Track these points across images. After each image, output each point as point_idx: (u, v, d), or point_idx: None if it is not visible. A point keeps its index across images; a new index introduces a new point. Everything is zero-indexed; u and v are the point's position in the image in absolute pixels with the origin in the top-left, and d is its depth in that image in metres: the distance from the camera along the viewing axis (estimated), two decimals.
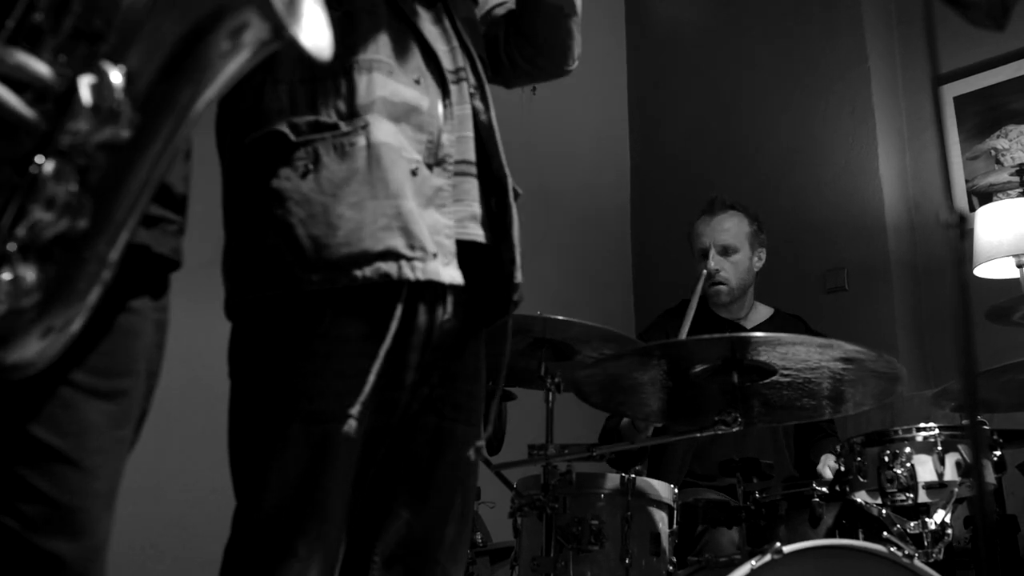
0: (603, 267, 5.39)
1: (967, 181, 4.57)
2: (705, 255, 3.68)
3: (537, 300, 3.57)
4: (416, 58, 1.77)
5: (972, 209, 4.33)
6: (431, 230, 1.68)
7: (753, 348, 2.47)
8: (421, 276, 1.63)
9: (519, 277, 1.84)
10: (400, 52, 1.75)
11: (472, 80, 1.85)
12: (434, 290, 1.72)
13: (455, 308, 1.78)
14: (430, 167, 1.72)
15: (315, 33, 1.01)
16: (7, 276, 0.97)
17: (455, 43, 1.86)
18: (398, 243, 1.62)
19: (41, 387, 1.10)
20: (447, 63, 1.81)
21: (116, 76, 0.98)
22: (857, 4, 4.89)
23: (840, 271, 4.72)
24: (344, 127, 1.66)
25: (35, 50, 0.99)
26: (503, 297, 1.84)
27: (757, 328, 3.67)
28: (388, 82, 1.71)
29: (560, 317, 2.83)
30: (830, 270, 4.75)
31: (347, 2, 1.74)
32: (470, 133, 1.82)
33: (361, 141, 1.65)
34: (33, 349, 1.00)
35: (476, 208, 1.81)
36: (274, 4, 0.97)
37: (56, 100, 0.98)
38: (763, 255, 3.75)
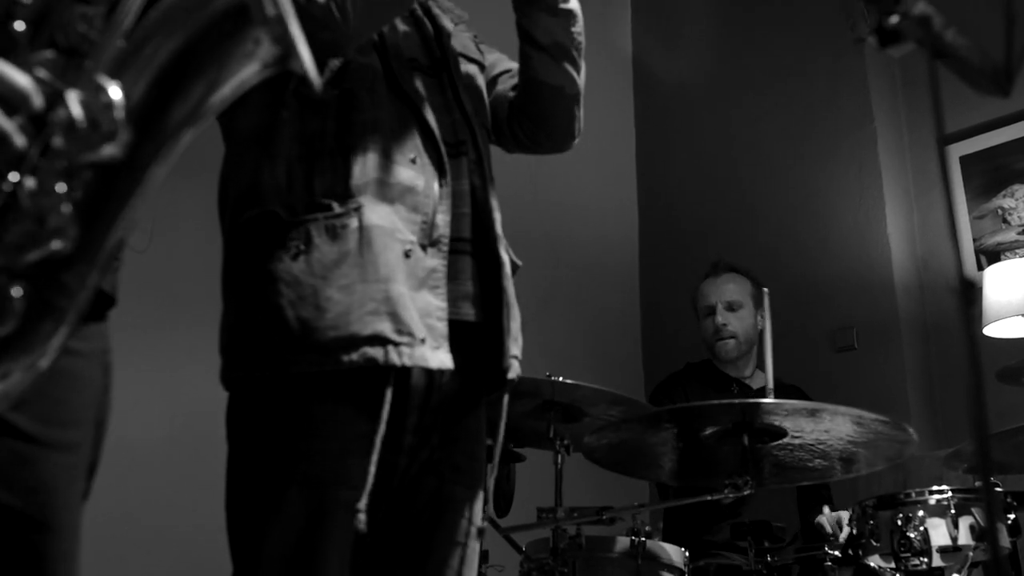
0: (612, 326, 5.38)
1: (975, 240, 4.57)
2: (711, 312, 3.79)
3: (545, 360, 3.57)
4: (414, 137, 1.76)
5: (980, 268, 4.33)
6: (422, 313, 1.67)
7: (764, 413, 2.46)
8: (408, 362, 1.62)
9: (509, 360, 1.83)
10: (398, 131, 1.75)
11: (472, 154, 1.86)
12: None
13: (455, 372, 1.77)
14: (424, 248, 1.71)
15: (309, 62, 1.00)
16: None
17: (457, 115, 1.87)
18: (386, 328, 1.62)
19: None
20: (448, 136, 1.82)
21: (115, 92, 0.92)
22: (861, 65, 4.92)
23: (849, 330, 4.70)
24: (337, 208, 1.66)
25: (14, 61, 0.92)
26: (497, 372, 1.84)
27: (759, 393, 3.66)
28: (384, 162, 1.71)
29: (569, 380, 2.82)
30: (839, 329, 4.74)
31: (347, 80, 1.74)
32: (467, 209, 1.83)
33: (353, 223, 1.65)
34: None
35: (469, 286, 1.81)
36: (287, 26, 0.95)
37: (38, 115, 0.92)
38: (766, 316, 3.73)
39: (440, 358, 1.67)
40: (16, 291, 0.93)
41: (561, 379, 2.82)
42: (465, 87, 1.93)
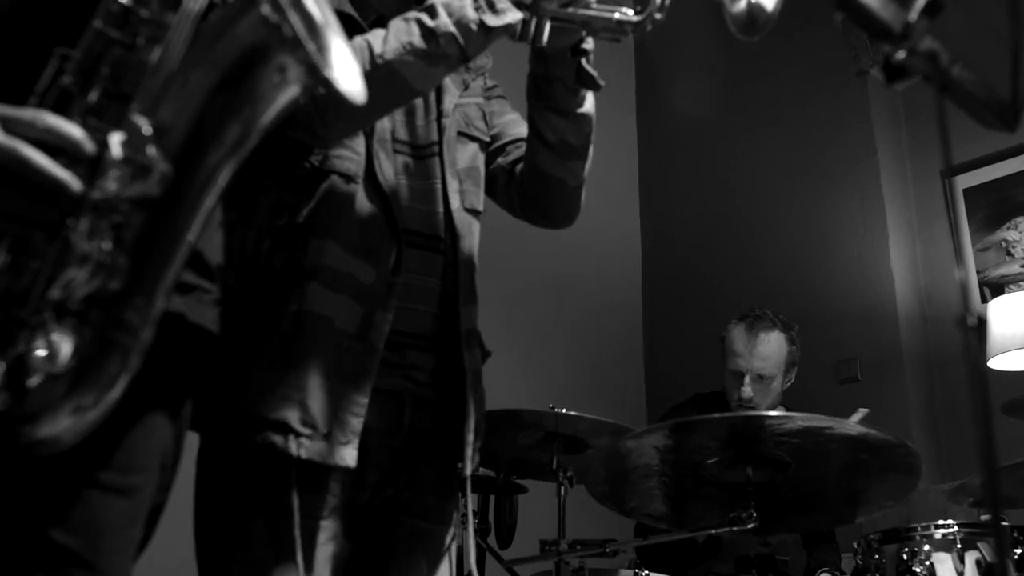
0: (615, 358, 5.36)
1: (978, 272, 4.57)
2: (739, 377, 3.55)
3: (548, 392, 3.56)
4: (377, 230, 1.76)
5: (984, 301, 4.32)
6: (338, 407, 1.67)
7: (767, 436, 2.44)
8: (304, 455, 1.63)
9: (465, 462, 1.83)
10: (362, 223, 1.75)
11: (450, 256, 1.85)
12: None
13: (425, 414, 1.81)
14: (360, 340, 1.71)
15: (348, 75, 1.01)
16: (41, 349, 0.96)
17: (440, 208, 1.85)
18: (291, 416, 1.63)
19: (66, 485, 1.09)
20: (422, 227, 1.81)
21: (146, 128, 0.98)
22: (864, 97, 4.93)
23: (852, 362, 4.69)
24: (283, 288, 1.68)
25: (65, 113, 1.00)
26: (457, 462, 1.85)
27: None
28: (339, 250, 1.71)
29: (572, 412, 2.81)
30: (842, 361, 4.72)
31: (327, 161, 1.74)
32: (432, 309, 1.82)
33: (293, 307, 1.67)
34: (62, 425, 0.99)
35: (419, 375, 1.81)
36: (305, 44, 0.96)
37: (90, 162, 0.98)
38: (794, 375, 3.65)
39: (342, 454, 1.67)
40: (76, 331, 0.98)
41: (564, 411, 2.82)
42: (458, 174, 1.91)
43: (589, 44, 1.83)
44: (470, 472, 1.84)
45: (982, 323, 0.99)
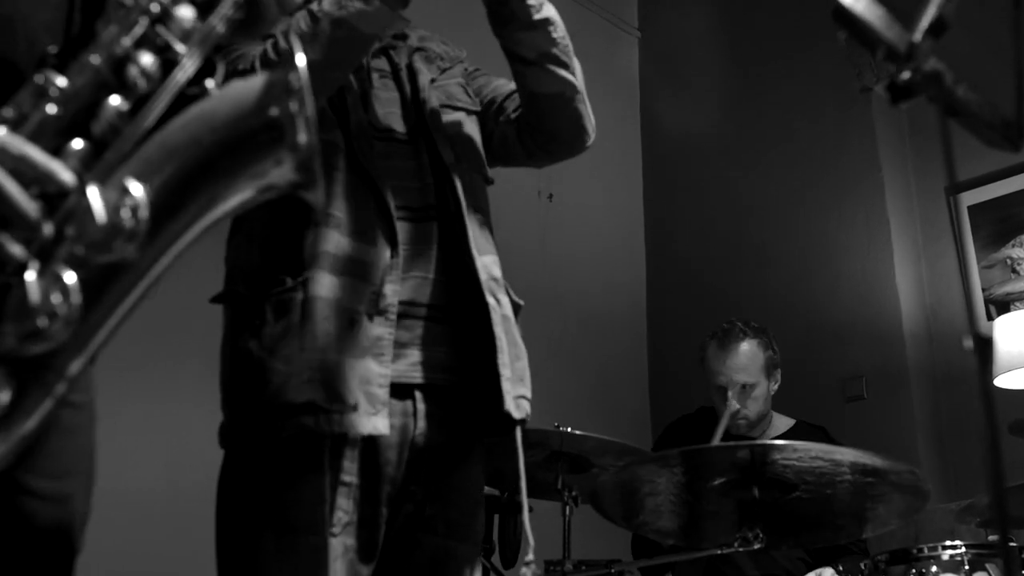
0: (620, 377, 5.36)
1: (984, 290, 4.56)
2: (723, 392, 3.56)
3: (553, 410, 3.55)
4: (367, 211, 1.81)
5: (990, 319, 4.31)
6: (362, 380, 1.71)
7: (771, 459, 2.43)
8: (337, 429, 1.67)
9: (512, 402, 1.83)
10: (352, 206, 1.80)
11: (453, 206, 1.88)
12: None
13: (436, 425, 1.82)
14: (371, 316, 1.75)
15: (321, 195, 1.01)
16: None
17: (430, 179, 1.90)
18: (318, 396, 1.67)
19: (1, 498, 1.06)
20: (413, 202, 1.86)
21: (139, 193, 0.92)
22: (868, 114, 4.93)
23: (859, 379, 4.68)
24: (289, 283, 1.73)
25: (38, 142, 0.93)
26: (499, 417, 1.84)
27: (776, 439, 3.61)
28: (334, 235, 1.76)
29: (577, 431, 2.80)
30: (848, 378, 4.71)
31: None
32: (430, 275, 1.85)
33: (299, 297, 1.72)
34: None
35: (435, 352, 1.84)
36: (314, 158, 0.96)
37: (49, 199, 0.92)
38: (778, 376, 3.66)
39: (374, 424, 1.70)
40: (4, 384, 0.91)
41: (569, 430, 2.81)
42: (447, 139, 1.96)
43: None
44: (518, 416, 1.84)
45: (986, 342, 0.98)
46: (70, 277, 0.91)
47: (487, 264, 1.90)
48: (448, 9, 2.10)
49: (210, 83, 1.01)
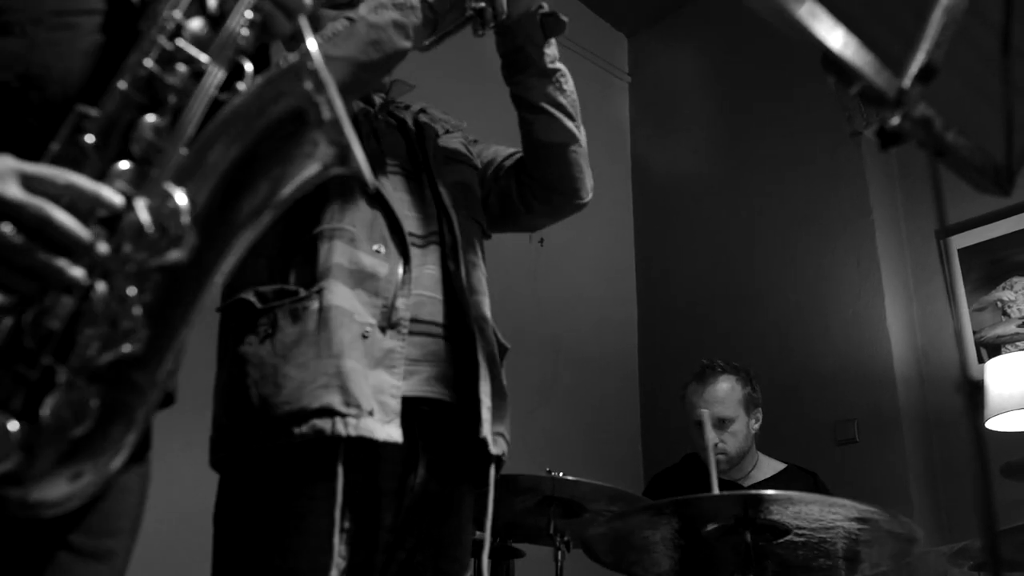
0: (611, 421, 5.35)
1: (975, 332, 4.57)
2: (701, 429, 3.49)
3: (544, 455, 3.54)
4: (380, 227, 1.85)
5: (981, 361, 4.31)
6: (375, 389, 1.72)
7: (765, 507, 2.43)
8: (353, 432, 1.67)
9: (488, 430, 1.85)
10: (365, 221, 1.84)
11: (448, 239, 1.93)
12: (398, 449, 1.76)
13: (432, 472, 1.84)
14: (383, 330, 1.78)
15: (364, 163, 1.02)
16: (47, 409, 0.95)
17: (432, 210, 1.95)
18: (335, 400, 1.68)
19: (39, 547, 1.07)
20: (417, 228, 1.90)
21: (181, 198, 0.98)
22: (859, 158, 4.96)
23: (850, 423, 4.67)
24: (302, 292, 1.75)
25: (83, 171, 0.99)
26: (481, 458, 1.86)
27: (764, 484, 3.60)
28: (347, 249, 1.79)
29: (569, 476, 2.80)
30: (840, 422, 4.70)
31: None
32: (438, 295, 1.88)
33: (314, 305, 1.74)
34: (60, 491, 0.97)
35: (443, 368, 1.86)
36: (343, 128, 0.98)
37: (106, 222, 0.98)
38: (759, 415, 3.67)
39: (388, 431, 1.71)
40: (91, 393, 0.97)
41: (561, 475, 2.80)
42: (448, 184, 2.00)
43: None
44: (494, 451, 1.86)
45: (978, 386, 0.98)
46: (131, 290, 0.97)
47: (477, 303, 1.93)
48: (450, 82, 2.17)
49: (241, 86, 1.05)
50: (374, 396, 1.71)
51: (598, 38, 5.91)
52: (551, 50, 2.04)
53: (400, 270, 1.82)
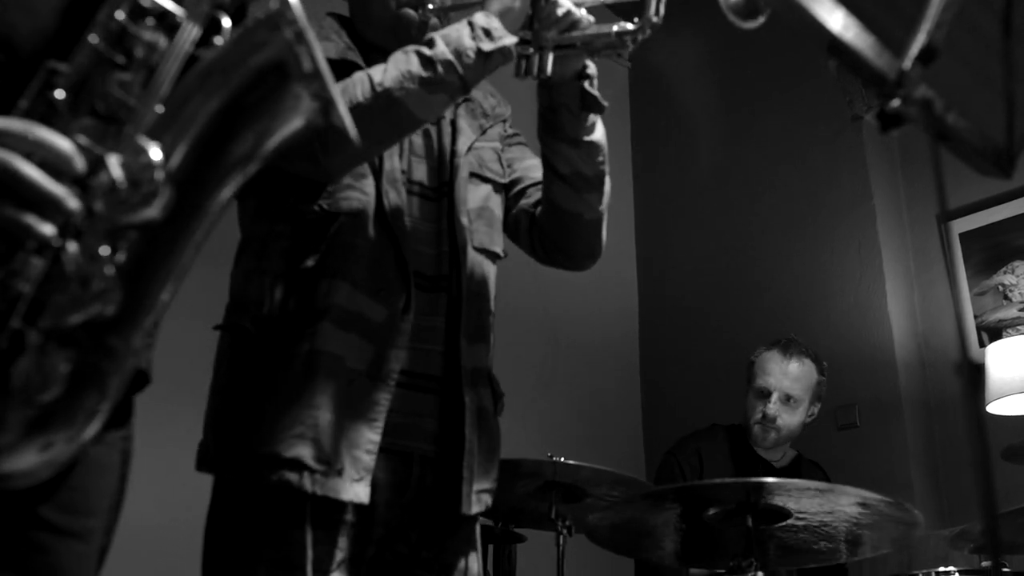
0: (613, 406, 5.35)
1: (976, 317, 4.56)
2: (765, 396, 3.57)
3: (546, 440, 3.55)
4: (387, 269, 1.79)
5: (982, 345, 4.31)
6: (351, 444, 1.69)
7: (768, 493, 2.44)
8: (319, 491, 1.66)
9: (468, 501, 1.82)
10: (372, 261, 1.78)
11: (454, 291, 1.87)
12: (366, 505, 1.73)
13: (428, 468, 1.82)
14: (371, 379, 1.73)
15: (347, 116, 1.00)
16: (17, 374, 0.92)
17: (446, 247, 1.88)
18: (305, 453, 1.66)
19: (14, 527, 1.06)
20: (428, 269, 1.85)
21: (155, 153, 0.94)
22: (860, 143, 4.95)
23: (851, 408, 4.67)
24: (295, 330, 1.71)
25: (53, 127, 0.95)
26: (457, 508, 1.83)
27: (782, 471, 3.61)
28: (349, 289, 1.74)
29: (570, 461, 2.80)
30: (841, 407, 4.70)
31: (336, 201, 1.78)
32: (438, 347, 1.84)
33: (305, 347, 1.70)
34: (29, 461, 0.95)
35: (429, 423, 1.83)
36: (324, 80, 0.96)
37: (84, 181, 0.94)
38: (817, 409, 3.68)
39: (356, 491, 1.69)
40: (63, 356, 0.94)
41: (563, 460, 2.80)
42: (468, 213, 1.93)
43: (591, 68, 1.90)
44: (473, 511, 1.84)
45: (979, 369, 0.98)
46: (104, 249, 0.94)
47: (475, 353, 1.88)
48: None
49: (218, 40, 1.02)
50: (349, 451, 1.68)
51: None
52: (589, 121, 1.93)
53: (398, 318, 1.77)
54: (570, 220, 1.99)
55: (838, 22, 0.88)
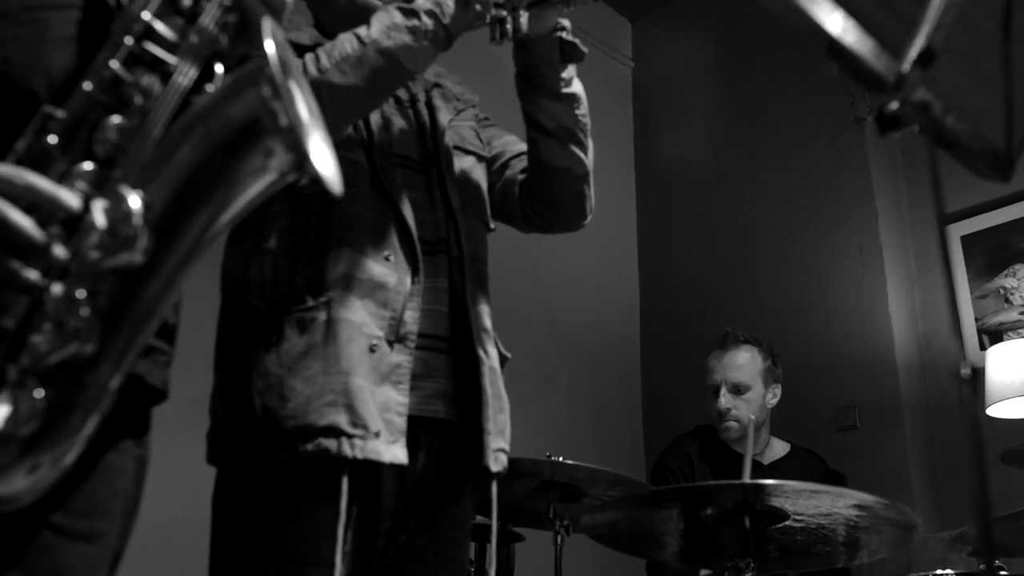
0: (613, 406, 5.35)
1: (976, 320, 4.56)
2: (716, 392, 3.62)
3: (545, 440, 3.54)
4: (390, 234, 1.81)
5: (983, 348, 4.31)
6: (382, 407, 1.70)
7: (766, 495, 2.43)
8: (359, 455, 1.66)
9: (491, 455, 1.85)
10: (375, 228, 1.80)
11: (455, 251, 1.90)
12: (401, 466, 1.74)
13: (435, 458, 1.83)
14: (391, 343, 1.75)
15: (326, 165, 1.01)
16: (4, 407, 0.94)
17: (441, 213, 1.91)
18: (341, 420, 1.66)
19: (19, 529, 1.06)
20: (427, 234, 1.86)
21: (135, 201, 0.97)
22: (862, 145, 4.95)
23: (851, 409, 4.67)
24: (310, 301, 1.72)
25: (46, 173, 0.98)
26: (480, 467, 1.85)
27: (773, 465, 3.61)
28: (356, 257, 1.76)
29: (569, 461, 2.80)
30: (841, 408, 4.70)
31: None
32: (444, 308, 1.86)
33: (322, 316, 1.71)
34: (19, 484, 0.97)
35: (444, 384, 1.84)
36: (299, 134, 0.97)
37: (70, 225, 0.97)
38: (778, 391, 3.69)
39: (394, 452, 1.70)
40: (39, 393, 0.96)
41: (561, 459, 2.80)
42: (457, 182, 1.97)
43: (565, 20, 1.92)
44: (494, 469, 1.86)
45: (978, 373, 0.98)
46: (80, 292, 0.96)
47: (479, 314, 1.90)
48: (466, 54, 2.10)
49: (210, 88, 1.04)
50: (380, 415, 1.70)
51: (601, 23, 5.89)
52: (567, 74, 1.96)
53: (409, 280, 1.79)
54: (559, 176, 2.03)
55: (837, 24, 0.88)
